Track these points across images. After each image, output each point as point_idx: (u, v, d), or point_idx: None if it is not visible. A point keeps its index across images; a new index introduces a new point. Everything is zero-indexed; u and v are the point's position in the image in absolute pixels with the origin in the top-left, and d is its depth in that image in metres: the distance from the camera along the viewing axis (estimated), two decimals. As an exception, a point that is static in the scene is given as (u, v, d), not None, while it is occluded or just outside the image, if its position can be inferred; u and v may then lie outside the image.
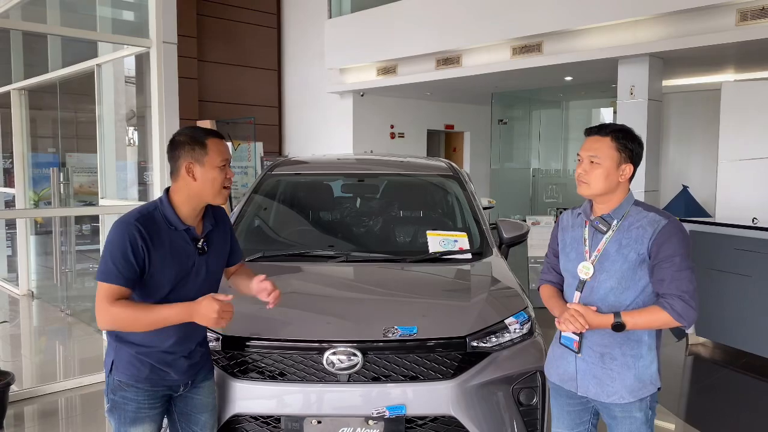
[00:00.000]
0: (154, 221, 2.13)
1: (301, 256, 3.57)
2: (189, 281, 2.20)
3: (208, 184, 2.14)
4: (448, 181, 4.29)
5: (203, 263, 2.24)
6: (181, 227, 2.17)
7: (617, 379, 2.17)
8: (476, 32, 9.73)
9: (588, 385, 2.22)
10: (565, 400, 2.34)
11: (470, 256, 3.54)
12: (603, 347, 2.18)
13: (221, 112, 12.70)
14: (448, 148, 15.34)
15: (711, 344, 5.71)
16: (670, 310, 2.04)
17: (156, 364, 2.19)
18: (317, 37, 12.65)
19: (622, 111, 8.60)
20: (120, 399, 2.19)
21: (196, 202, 2.18)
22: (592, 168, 2.14)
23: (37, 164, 7.97)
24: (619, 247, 2.14)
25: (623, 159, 2.14)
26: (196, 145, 2.14)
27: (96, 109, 5.91)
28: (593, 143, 2.16)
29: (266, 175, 4.21)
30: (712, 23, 7.43)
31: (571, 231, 2.31)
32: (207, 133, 2.19)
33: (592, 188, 2.15)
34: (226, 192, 2.20)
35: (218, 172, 2.15)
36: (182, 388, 2.30)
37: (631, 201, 2.20)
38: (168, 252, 2.13)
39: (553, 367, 2.36)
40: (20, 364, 5.24)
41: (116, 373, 2.17)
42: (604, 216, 2.19)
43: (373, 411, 2.59)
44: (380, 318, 2.80)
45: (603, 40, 8.50)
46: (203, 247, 2.23)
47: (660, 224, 2.10)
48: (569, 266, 2.28)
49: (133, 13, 6.72)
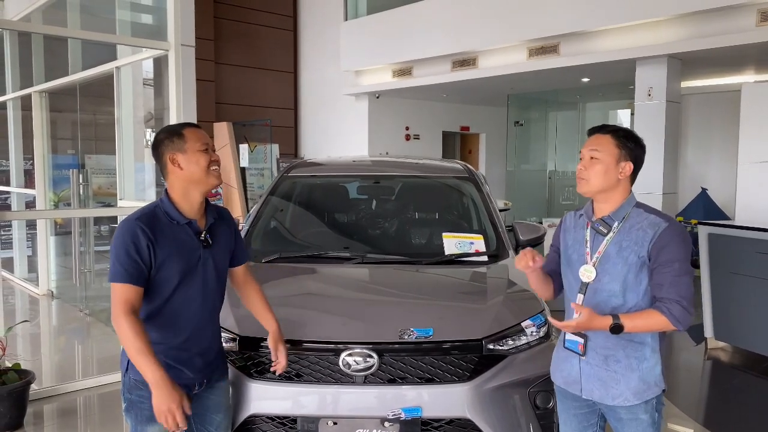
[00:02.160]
0: (155, 218, 2.17)
1: (317, 258, 3.57)
2: (196, 276, 2.22)
3: (194, 168, 2.18)
4: (464, 183, 4.28)
5: (209, 257, 2.26)
6: (183, 221, 2.20)
7: (621, 382, 2.16)
8: (492, 33, 9.71)
9: (592, 388, 2.21)
10: (571, 403, 2.33)
11: (486, 259, 3.53)
12: (607, 350, 2.17)
13: (238, 115, 12.79)
14: (463, 150, 15.30)
15: (731, 348, 5.63)
16: (669, 314, 2.04)
17: (171, 362, 2.20)
18: (333, 40, 12.69)
19: (639, 113, 8.53)
20: (136, 398, 2.20)
21: (191, 192, 2.21)
22: (591, 164, 2.16)
23: (57, 166, 8.08)
24: (620, 249, 2.14)
25: (623, 156, 2.15)
26: (174, 137, 2.19)
27: (115, 111, 5.97)
28: (594, 141, 2.20)
29: (283, 177, 4.23)
30: (732, 24, 7.35)
31: (573, 232, 2.31)
32: (183, 125, 2.25)
33: (591, 185, 2.16)
34: (215, 173, 2.22)
35: (201, 155, 2.18)
36: (197, 387, 2.31)
37: (632, 203, 2.20)
38: (173, 246, 2.16)
39: (557, 370, 2.35)
40: (40, 363, 5.30)
41: (132, 372, 2.18)
42: (605, 218, 2.19)
43: (388, 413, 2.59)
44: (396, 320, 2.79)
45: (620, 41, 8.44)
46: (207, 239, 2.25)
47: (660, 227, 2.10)
48: (570, 268, 2.28)
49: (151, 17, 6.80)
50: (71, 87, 7.32)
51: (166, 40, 4.81)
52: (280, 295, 3.28)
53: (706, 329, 5.59)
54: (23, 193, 8.59)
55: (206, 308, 2.28)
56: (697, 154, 11.31)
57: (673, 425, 4.20)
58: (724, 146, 10.50)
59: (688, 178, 10.91)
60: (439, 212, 4.38)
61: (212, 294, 2.30)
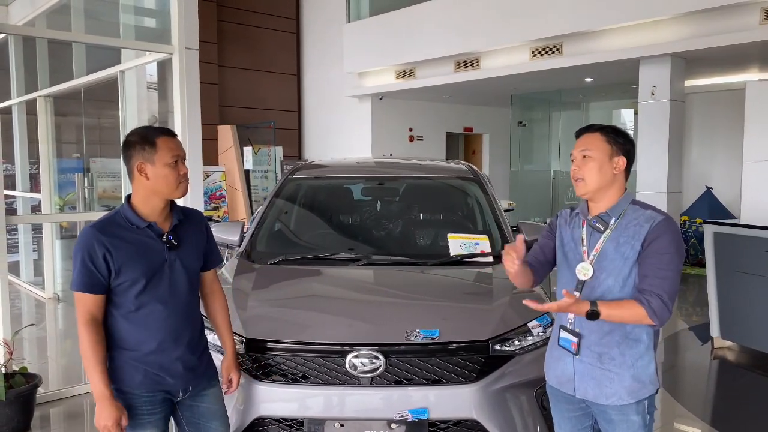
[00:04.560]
0: (113, 224, 2.17)
1: (322, 259, 3.58)
2: (163, 278, 2.20)
3: (160, 182, 2.16)
4: (469, 184, 4.28)
5: (176, 258, 2.23)
6: (143, 224, 2.19)
7: (615, 380, 2.14)
8: (495, 34, 9.70)
9: (587, 387, 2.19)
10: (564, 405, 2.31)
11: (492, 259, 3.53)
12: (601, 347, 2.16)
13: (241, 117, 12.82)
14: (467, 151, 15.29)
15: (737, 348, 5.62)
16: (647, 306, 2.02)
17: (149, 369, 2.19)
18: (336, 42, 12.71)
19: (643, 112, 8.52)
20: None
21: (154, 200, 2.20)
22: (584, 162, 2.16)
23: (62, 169, 8.12)
24: (617, 245, 2.14)
25: (615, 151, 2.16)
26: (146, 145, 2.16)
27: (119, 114, 5.99)
28: (583, 140, 2.21)
29: (287, 179, 4.24)
30: (736, 22, 7.33)
31: (569, 230, 2.30)
32: (158, 132, 2.20)
33: (588, 184, 2.16)
34: (183, 186, 2.21)
35: (169, 169, 2.16)
36: (181, 394, 2.28)
37: (629, 199, 2.20)
38: (133, 250, 2.15)
39: (551, 369, 2.33)
40: (46, 366, 5.32)
41: (112, 381, 2.17)
42: (602, 215, 2.19)
43: (395, 414, 2.59)
44: (402, 321, 2.80)
45: (624, 40, 8.42)
46: (169, 240, 2.23)
47: (656, 220, 2.11)
48: (565, 267, 2.27)
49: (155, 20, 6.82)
50: (76, 91, 7.34)
51: (170, 43, 4.83)
52: (286, 297, 3.29)
53: (713, 328, 5.58)
54: (29, 197, 8.63)
55: (178, 311, 2.24)
56: (701, 153, 11.29)
57: (680, 425, 4.19)
58: (729, 145, 10.47)
59: (692, 177, 10.89)
60: (444, 213, 4.38)
61: (183, 296, 2.26)
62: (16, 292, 7.98)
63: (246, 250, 3.68)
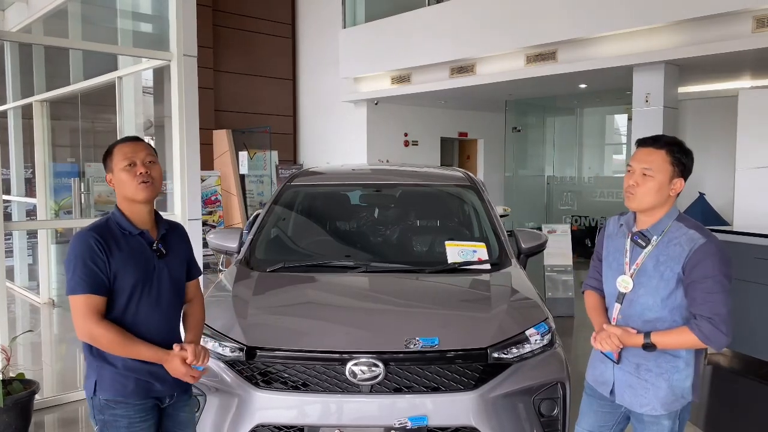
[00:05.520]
0: (108, 230, 2.20)
1: (321, 267, 3.60)
2: (152, 286, 2.23)
3: (122, 187, 2.22)
4: (466, 191, 4.31)
5: (164, 267, 2.28)
6: (135, 231, 2.23)
7: (650, 390, 2.18)
8: (490, 41, 9.75)
9: (624, 394, 2.24)
10: (597, 401, 2.37)
11: (489, 267, 3.55)
12: (639, 358, 2.19)
13: (237, 122, 12.82)
14: (461, 156, 15.34)
15: (730, 353, 5.65)
16: (698, 332, 2.04)
17: (140, 377, 2.20)
18: (332, 47, 12.74)
19: (637, 118, 8.58)
20: (110, 418, 2.19)
21: (133, 206, 2.24)
22: (644, 181, 2.11)
23: (58, 174, 8.09)
24: (657, 263, 2.13)
25: (676, 173, 2.11)
26: (106, 156, 2.25)
27: (116, 120, 5.99)
28: (647, 155, 2.13)
29: (285, 186, 4.26)
30: (729, 30, 7.40)
31: (614, 240, 2.31)
32: (118, 141, 2.27)
33: (640, 202, 2.13)
34: (143, 186, 2.20)
35: (125, 173, 2.20)
36: (167, 400, 2.31)
37: (673, 216, 2.17)
38: (128, 256, 2.18)
39: (592, 367, 2.39)
40: (41, 372, 5.30)
41: (101, 393, 2.18)
42: (644, 231, 2.17)
43: (395, 422, 2.61)
44: (401, 329, 2.82)
45: (618, 47, 8.49)
46: (159, 248, 2.27)
47: (697, 243, 2.07)
48: (610, 276, 2.29)
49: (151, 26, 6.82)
50: (72, 95, 7.33)
51: (168, 50, 4.84)
52: (286, 305, 3.31)
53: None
54: (24, 201, 8.60)
55: (166, 319, 2.28)
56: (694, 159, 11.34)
57: (675, 431, 4.22)
58: (722, 152, 10.54)
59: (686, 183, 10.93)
60: (441, 220, 4.41)
61: (170, 305, 2.30)
62: (11, 297, 7.92)
63: (245, 257, 3.69)
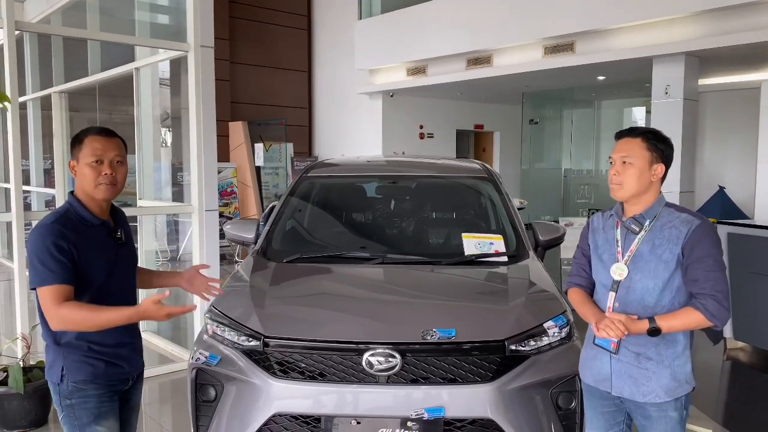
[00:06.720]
0: (70, 220, 2.16)
1: (337, 258, 3.60)
2: (116, 273, 2.24)
3: (82, 180, 2.19)
4: (483, 183, 4.28)
5: (125, 254, 2.31)
6: (96, 222, 2.22)
7: (653, 379, 2.19)
8: (507, 32, 9.68)
9: (623, 385, 2.23)
10: (599, 401, 2.35)
11: (506, 259, 3.53)
12: (638, 347, 2.20)
13: (253, 114, 12.86)
14: (477, 149, 15.28)
15: (750, 348, 5.60)
16: (704, 310, 2.08)
17: (112, 360, 2.23)
18: (347, 39, 12.72)
19: (656, 111, 8.48)
20: (78, 401, 2.19)
21: (89, 197, 2.21)
22: (624, 168, 2.19)
23: (76, 165, 8.16)
24: (653, 247, 2.18)
25: (654, 158, 2.19)
26: (76, 142, 2.21)
27: (135, 111, 6.02)
28: (624, 144, 2.23)
29: (302, 178, 4.26)
30: (752, 20, 7.28)
31: (602, 233, 2.34)
32: (91, 131, 2.22)
33: (626, 189, 2.20)
34: (103, 188, 2.18)
35: (89, 169, 2.16)
36: (130, 381, 2.35)
37: (662, 202, 2.24)
38: (93, 245, 2.17)
39: (587, 368, 2.37)
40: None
41: (70, 377, 2.17)
42: (636, 216, 2.23)
43: (411, 413, 2.61)
44: (418, 320, 2.81)
45: (637, 39, 8.39)
46: (121, 237, 2.29)
47: (693, 224, 2.15)
48: (601, 268, 2.30)
49: (168, 17, 6.85)
50: (90, 87, 7.39)
51: (185, 41, 4.85)
52: (303, 295, 3.31)
53: (725, 329, 5.55)
54: (43, 192, 8.69)
55: (128, 302, 2.28)
56: (714, 152, 11.22)
57: (692, 425, 4.18)
58: (742, 144, 10.42)
59: (705, 176, 10.83)
60: (457, 212, 4.38)
61: (131, 289, 2.37)
62: (28, 285, 8.03)
63: (261, 248, 3.70)
